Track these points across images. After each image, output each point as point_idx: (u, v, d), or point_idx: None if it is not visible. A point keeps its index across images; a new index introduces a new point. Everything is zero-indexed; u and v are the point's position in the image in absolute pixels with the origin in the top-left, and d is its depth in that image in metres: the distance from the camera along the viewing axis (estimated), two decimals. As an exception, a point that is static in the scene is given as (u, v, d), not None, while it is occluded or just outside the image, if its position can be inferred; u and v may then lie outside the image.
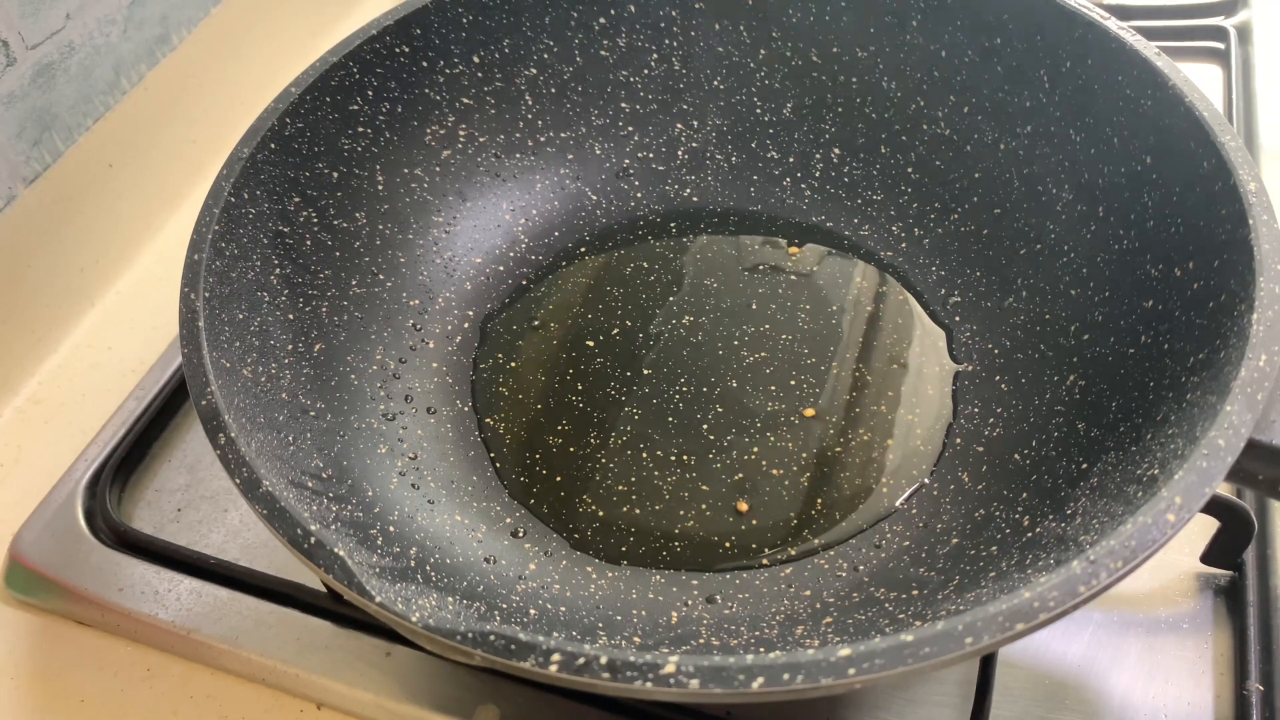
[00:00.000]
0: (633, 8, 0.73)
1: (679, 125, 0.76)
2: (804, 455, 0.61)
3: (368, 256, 0.65)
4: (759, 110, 0.76)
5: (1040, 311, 0.62)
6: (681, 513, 0.58)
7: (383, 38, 0.66)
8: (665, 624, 0.52)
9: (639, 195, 0.77)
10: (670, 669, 0.35)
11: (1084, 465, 0.50)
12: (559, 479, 0.61)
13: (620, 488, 0.60)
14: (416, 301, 0.68)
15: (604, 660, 0.36)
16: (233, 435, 0.46)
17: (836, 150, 0.71)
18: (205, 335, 0.50)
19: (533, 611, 0.49)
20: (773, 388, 0.65)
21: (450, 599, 0.44)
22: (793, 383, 0.65)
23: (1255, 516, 0.55)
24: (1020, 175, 0.65)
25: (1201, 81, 0.57)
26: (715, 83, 0.75)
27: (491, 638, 0.37)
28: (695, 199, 0.76)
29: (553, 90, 0.74)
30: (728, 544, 0.57)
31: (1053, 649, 0.54)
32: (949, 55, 0.68)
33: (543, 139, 0.74)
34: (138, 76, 0.83)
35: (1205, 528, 0.56)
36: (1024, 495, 0.52)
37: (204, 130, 0.90)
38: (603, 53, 0.74)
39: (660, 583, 0.56)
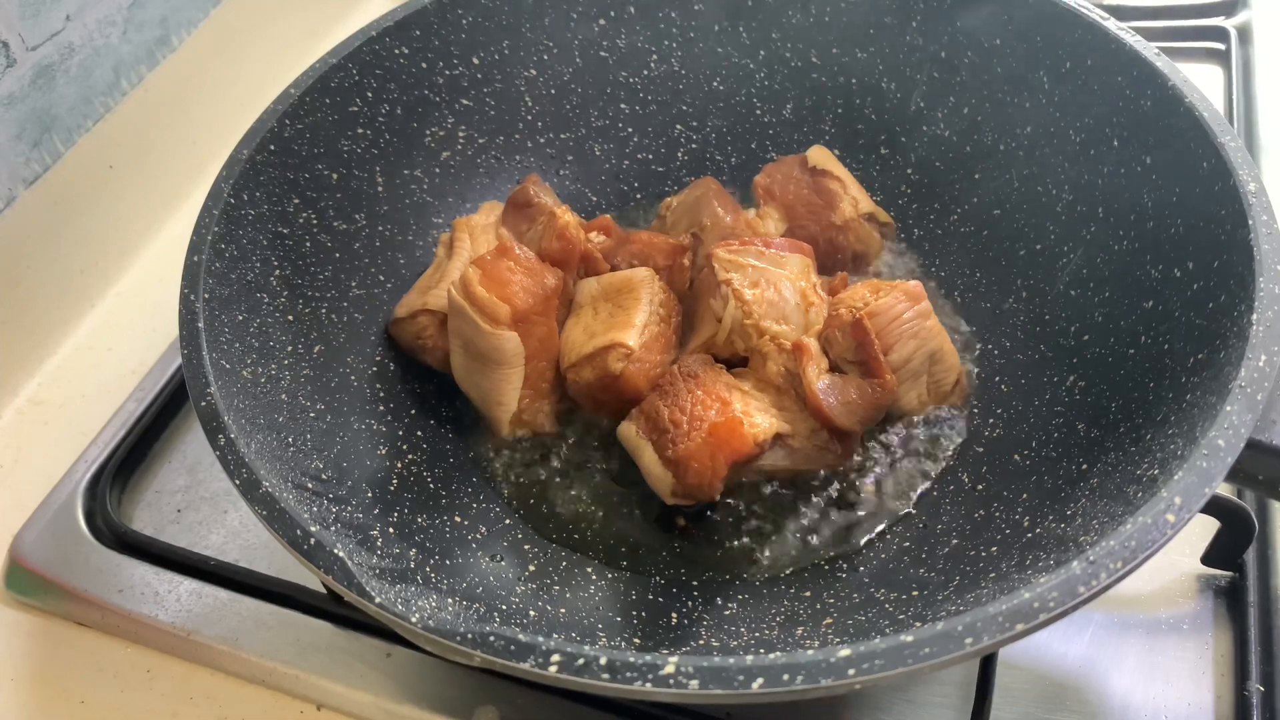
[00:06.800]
0: (633, 9, 0.73)
1: (679, 126, 0.76)
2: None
3: (367, 258, 0.65)
4: (759, 111, 0.76)
5: (1040, 312, 0.62)
6: (682, 514, 0.58)
7: (382, 39, 0.66)
8: (665, 625, 0.52)
9: (639, 196, 0.77)
10: (670, 670, 0.35)
11: (1084, 466, 0.50)
12: (560, 480, 0.61)
13: (621, 488, 0.60)
14: (416, 302, 0.68)
15: (604, 661, 0.36)
16: (232, 436, 0.46)
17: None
18: (205, 336, 0.50)
19: (532, 613, 0.49)
20: (773, 388, 0.64)
21: (450, 600, 0.44)
22: (793, 383, 0.65)
23: (1255, 517, 0.55)
24: (1020, 175, 0.65)
25: (1201, 81, 0.57)
26: (715, 84, 0.75)
27: (491, 639, 0.37)
28: (695, 200, 0.76)
29: (552, 91, 0.74)
30: (728, 545, 0.57)
31: (1053, 650, 0.54)
32: (949, 56, 0.68)
33: (542, 140, 0.75)
34: (138, 78, 0.83)
35: (1206, 529, 0.56)
36: (1024, 496, 0.52)
37: (204, 132, 0.90)
38: (602, 54, 0.74)
39: (660, 583, 0.56)
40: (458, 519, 0.57)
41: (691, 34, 0.74)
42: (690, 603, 0.54)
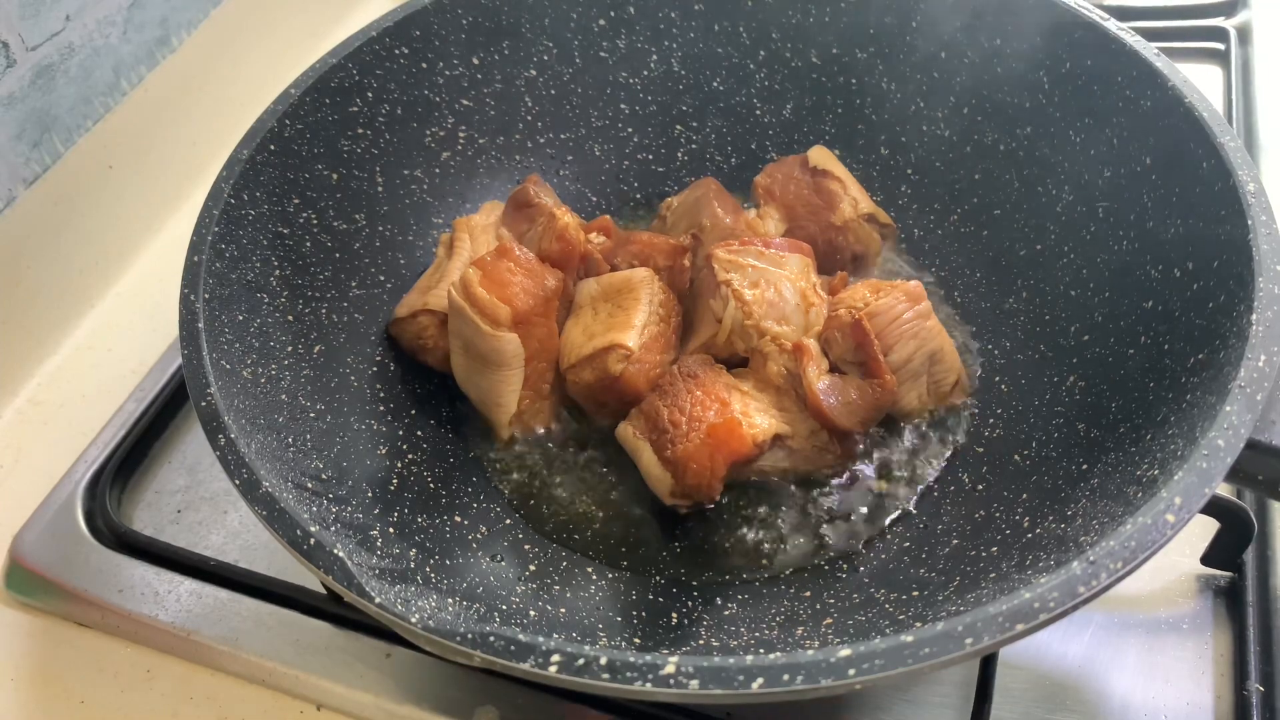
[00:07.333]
0: (632, 9, 0.73)
1: (679, 127, 0.76)
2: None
3: (368, 258, 0.65)
4: (759, 111, 0.76)
5: (1040, 312, 0.62)
6: (682, 514, 0.58)
7: (382, 39, 0.66)
8: (665, 625, 0.52)
9: (639, 196, 0.77)
10: (670, 670, 0.35)
11: (1084, 466, 0.50)
12: (560, 480, 0.61)
13: (621, 489, 0.60)
14: (416, 303, 0.68)
15: (604, 661, 0.36)
16: (232, 436, 0.46)
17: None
18: (205, 337, 0.50)
19: (533, 613, 0.49)
20: (773, 388, 0.64)
21: (450, 600, 0.44)
22: (793, 383, 0.65)
23: (1255, 518, 0.55)
24: (1020, 176, 0.65)
25: (1201, 82, 0.57)
26: (715, 84, 0.75)
27: (491, 639, 0.37)
28: (695, 200, 0.76)
29: (552, 92, 0.74)
30: (728, 545, 0.57)
31: (1053, 650, 0.54)
32: (949, 56, 0.68)
33: (542, 140, 0.75)
34: (137, 78, 0.83)
35: (1206, 529, 0.56)
36: (1024, 496, 0.52)
37: (204, 132, 0.90)
38: (602, 54, 0.74)
39: (660, 583, 0.56)
40: (458, 519, 0.57)
41: (691, 35, 0.74)
42: (690, 603, 0.54)
